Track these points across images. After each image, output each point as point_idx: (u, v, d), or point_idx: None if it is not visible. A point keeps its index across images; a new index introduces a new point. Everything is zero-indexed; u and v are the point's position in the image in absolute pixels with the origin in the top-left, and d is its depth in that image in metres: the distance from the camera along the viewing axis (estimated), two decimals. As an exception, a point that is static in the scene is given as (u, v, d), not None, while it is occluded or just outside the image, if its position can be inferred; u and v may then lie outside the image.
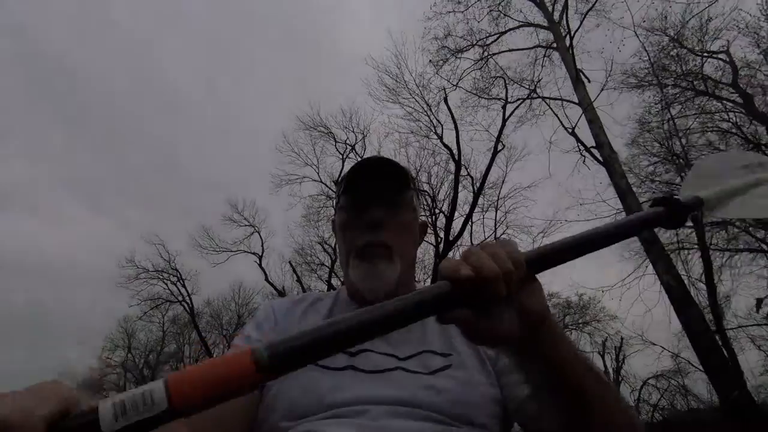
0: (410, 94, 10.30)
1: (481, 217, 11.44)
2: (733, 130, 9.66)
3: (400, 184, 0.77)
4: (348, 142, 11.85)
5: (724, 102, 9.37)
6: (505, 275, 0.40)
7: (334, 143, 11.88)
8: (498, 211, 11.50)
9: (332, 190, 12.13)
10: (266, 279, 13.58)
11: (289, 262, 13.32)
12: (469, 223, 10.15)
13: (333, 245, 13.82)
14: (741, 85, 9.07)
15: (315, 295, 0.85)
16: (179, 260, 15.10)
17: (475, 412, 0.62)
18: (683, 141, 7.88)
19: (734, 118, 9.71)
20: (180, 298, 14.83)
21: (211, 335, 19.61)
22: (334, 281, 13.37)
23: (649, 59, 7.47)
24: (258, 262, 13.70)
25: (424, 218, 0.85)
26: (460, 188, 9.65)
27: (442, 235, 9.97)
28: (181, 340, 21.93)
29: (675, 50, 9.54)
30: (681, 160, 8.89)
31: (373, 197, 0.76)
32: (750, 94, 8.61)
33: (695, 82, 9.51)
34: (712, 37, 9.41)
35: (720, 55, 9.81)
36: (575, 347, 0.50)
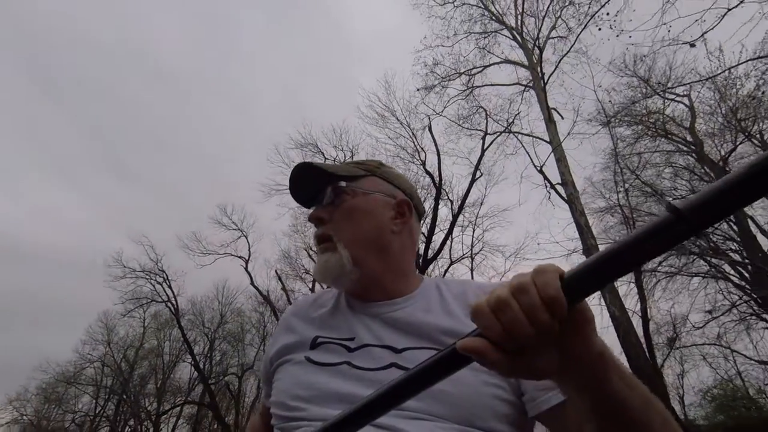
0: (397, 120, 11.01)
1: (461, 234, 12.24)
2: (690, 167, 10.67)
3: (325, 178, 0.79)
4: (337, 159, 12.43)
5: (680, 144, 10.35)
6: (542, 327, 0.37)
7: (323, 159, 12.45)
8: (476, 230, 12.33)
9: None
10: (251, 283, 14.02)
11: (276, 271, 13.80)
12: (449, 239, 10.91)
13: (318, 252, 14.37)
14: (696, 130, 10.06)
15: (323, 293, 0.88)
16: (165, 259, 15.51)
17: (478, 414, 0.59)
18: (625, 185, 8.80)
19: (693, 157, 10.72)
20: (165, 299, 15.13)
21: (193, 333, 19.88)
22: (318, 288, 13.94)
23: (605, 115, 8.32)
24: (244, 266, 14.15)
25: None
26: (441, 206, 10.40)
27: (421, 251, 10.68)
28: (162, 336, 22.11)
29: (642, 90, 10.47)
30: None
31: (310, 200, 0.82)
32: (701, 140, 9.57)
33: (656, 123, 10.46)
34: (676, 82, 10.36)
35: (684, 99, 10.82)
36: (631, 378, 0.46)
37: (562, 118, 9.35)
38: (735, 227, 9.95)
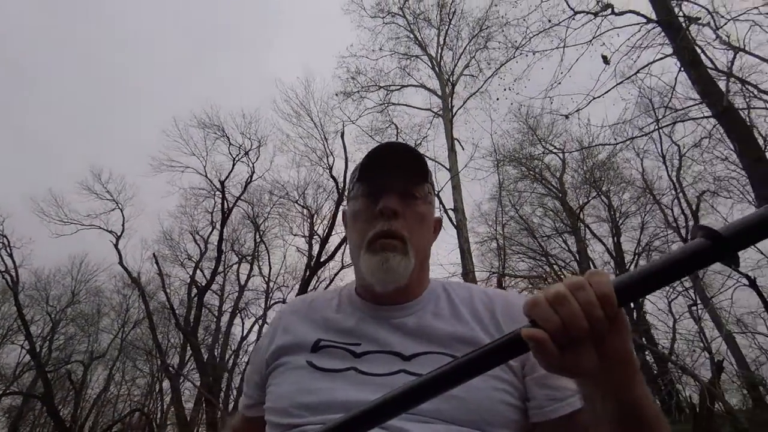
0: (311, 120, 10.97)
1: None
2: (555, 210, 12.63)
3: (418, 172, 0.74)
4: (243, 147, 11.87)
5: (551, 190, 12.21)
6: (596, 322, 0.40)
7: (228, 144, 11.77)
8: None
9: (216, 187, 11.97)
10: (120, 262, 12.48)
11: (153, 254, 12.54)
12: (344, 244, 11.14)
13: (205, 237, 13.51)
14: (564, 181, 11.99)
15: (319, 293, 0.85)
16: (10, 222, 13.01)
17: (488, 420, 0.60)
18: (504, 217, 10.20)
19: (558, 203, 12.71)
20: (3, 268, 12.64)
21: (32, 310, 16.86)
22: (198, 276, 13.07)
23: (496, 159, 9.55)
24: (114, 242, 12.57)
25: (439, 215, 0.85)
26: (340, 212, 10.57)
27: (315, 253, 10.73)
28: (-13, 311, 18.31)
29: (529, 137, 12.13)
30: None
31: (389, 186, 0.72)
32: (566, 189, 11.44)
33: (536, 169, 12.20)
34: (554, 138, 12.20)
35: (559, 153, 12.77)
36: (648, 390, 0.48)
37: (463, 149, 10.30)
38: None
